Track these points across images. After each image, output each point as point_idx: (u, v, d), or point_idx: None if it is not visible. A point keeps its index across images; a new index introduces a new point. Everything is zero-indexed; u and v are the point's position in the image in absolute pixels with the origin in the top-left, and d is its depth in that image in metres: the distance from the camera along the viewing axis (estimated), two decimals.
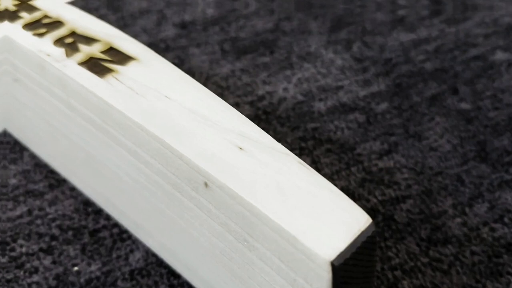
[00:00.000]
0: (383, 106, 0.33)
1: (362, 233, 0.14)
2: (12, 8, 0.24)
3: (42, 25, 0.23)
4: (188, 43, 0.40)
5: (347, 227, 0.14)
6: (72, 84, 0.20)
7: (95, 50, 0.22)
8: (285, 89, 0.35)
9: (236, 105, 0.37)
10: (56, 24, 0.23)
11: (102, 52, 0.21)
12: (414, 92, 0.34)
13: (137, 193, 0.21)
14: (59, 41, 0.22)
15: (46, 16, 0.24)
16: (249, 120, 0.18)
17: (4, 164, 0.31)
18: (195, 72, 0.38)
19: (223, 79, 0.37)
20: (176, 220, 0.20)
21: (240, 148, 0.17)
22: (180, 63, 0.38)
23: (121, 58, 0.21)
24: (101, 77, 0.20)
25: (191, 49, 0.40)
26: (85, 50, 0.22)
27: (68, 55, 0.21)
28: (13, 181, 0.30)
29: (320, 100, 0.34)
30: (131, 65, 0.21)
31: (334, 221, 0.14)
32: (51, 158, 0.29)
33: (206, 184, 0.16)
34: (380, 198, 0.27)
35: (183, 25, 0.42)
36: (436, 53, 0.37)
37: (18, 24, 0.23)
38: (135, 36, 0.41)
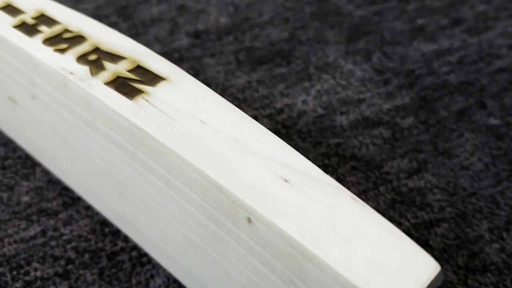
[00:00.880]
0: (409, 120, 0.32)
1: (431, 283, 0.12)
2: (30, 21, 0.23)
3: (63, 40, 0.22)
4: (202, 53, 0.39)
5: (414, 277, 0.12)
6: (99, 106, 0.19)
7: (121, 68, 0.20)
8: (304, 102, 0.34)
9: (255, 118, 0.36)
10: (78, 39, 0.22)
11: (130, 71, 0.20)
12: (440, 106, 0.33)
13: (164, 219, 0.20)
14: (82, 58, 0.21)
15: (66, 30, 0.23)
16: (293, 149, 0.17)
17: (16, 180, 0.30)
18: (210, 83, 0.36)
19: (239, 91, 0.36)
20: (207, 251, 0.19)
21: (286, 181, 0.16)
22: (195, 73, 0.37)
23: (150, 77, 0.20)
24: (130, 99, 0.19)
25: (205, 59, 0.39)
26: (111, 69, 0.20)
27: (93, 73, 0.20)
28: (25, 198, 0.29)
29: (342, 113, 0.33)
30: (161, 85, 0.19)
31: (398, 269, 0.13)
32: (66, 175, 0.27)
33: (249, 220, 0.15)
34: (412, 221, 0.26)
35: (196, 34, 0.41)
36: (459, 65, 0.36)
37: (38, 39, 0.22)
38: (147, 45, 0.40)
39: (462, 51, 0.38)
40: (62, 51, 0.21)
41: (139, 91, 0.19)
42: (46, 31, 0.23)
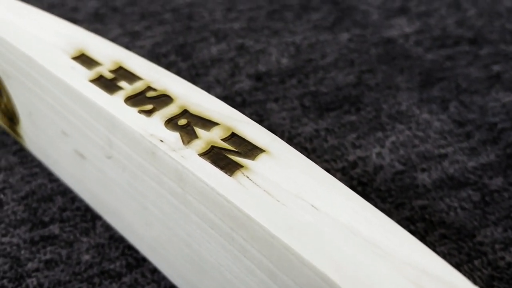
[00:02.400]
0: (498, 181, 0.30)
1: None
2: (108, 75, 0.22)
3: (147, 99, 0.20)
4: (265, 97, 0.37)
5: None
6: (193, 180, 0.17)
7: (215, 136, 0.18)
8: (379, 155, 0.32)
9: (327, 171, 0.34)
10: (163, 98, 0.20)
11: (224, 140, 0.18)
12: None
13: None
14: (171, 122, 0.19)
15: (149, 88, 0.21)
16: (425, 246, 0.15)
17: (75, 235, 0.28)
18: (276, 130, 0.34)
19: (307, 140, 0.34)
20: None
21: None
22: (259, 119, 0.35)
23: (247, 148, 0.18)
24: (229, 175, 0.17)
25: (269, 104, 0.37)
26: (204, 136, 0.18)
27: (185, 142, 0.18)
28: (85, 257, 0.27)
29: (423, 170, 0.31)
30: (261, 159, 0.17)
31: None
32: (133, 235, 0.25)
33: None
34: None
35: (258, 77, 0.39)
36: None
37: (119, 96, 0.20)
38: (208, 87, 0.38)
39: None
40: (148, 113, 0.19)
41: (238, 165, 0.17)
42: (127, 87, 0.21)
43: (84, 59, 0.23)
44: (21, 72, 0.25)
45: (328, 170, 0.31)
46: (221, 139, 0.18)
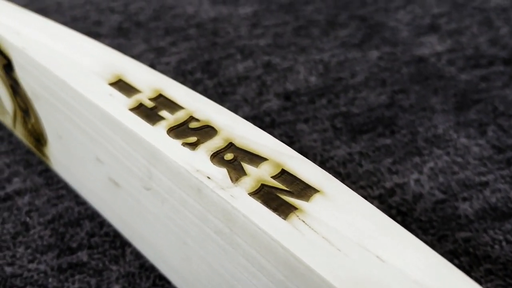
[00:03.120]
0: None
1: None
2: (148, 103, 0.21)
3: (190, 130, 0.19)
4: (295, 118, 0.36)
5: None
6: (243, 222, 0.16)
7: (264, 173, 0.17)
8: (418, 181, 0.31)
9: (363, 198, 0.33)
10: (207, 130, 0.19)
11: (274, 178, 0.17)
12: None
13: None
14: (216, 157, 0.18)
15: (192, 118, 0.20)
16: None
17: (104, 263, 0.27)
18: (307, 153, 0.33)
19: (340, 164, 0.32)
20: None
21: None
22: (289, 141, 0.34)
23: (300, 188, 0.17)
24: (283, 218, 0.16)
25: (299, 125, 0.36)
26: (252, 173, 0.17)
27: (233, 179, 0.17)
28: (116, 287, 0.26)
29: (464, 199, 0.29)
30: (315, 200, 0.16)
31: None
32: (167, 267, 0.24)
33: None
34: None
35: (286, 96, 0.38)
36: None
37: (161, 127, 0.19)
38: (236, 107, 0.38)
39: None
40: (193, 146, 0.18)
41: (292, 207, 0.16)
42: (168, 117, 0.20)
43: (122, 86, 0.22)
44: (53, 95, 0.24)
45: (364, 197, 0.30)
46: (271, 177, 0.17)
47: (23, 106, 0.29)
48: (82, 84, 0.22)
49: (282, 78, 0.40)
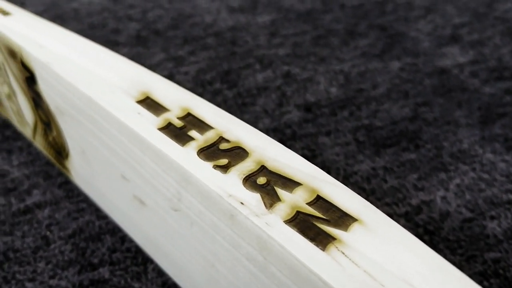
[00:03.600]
0: None
1: None
2: (177, 122, 0.20)
3: (221, 152, 0.19)
4: (317, 130, 0.36)
5: None
6: (279, 252, 0.16)
7: (299, 199, 0.17)
8: (444, 199, 0.30)
9: (390, 217, 0.32)
10: (238, 151, 0.19)
11: (310, 204, 0.17)
12: None
13: None
14: (249, 180, 0.18)
15: (222, 138, 0.19)
16: None
17: (126, 280, 0.26)
18: (330, 168, 0.33)
19: (364, 180, 0.32)
20: None
21: None
22: (311, 155, 0.34)
23: (337, 216, 0.16)
24: (322, 249, 0.15)
25: (320, 138, 0.35)
26: (287, 199, 0.17)
27: (267, 205, 0.17)
28: None
29: (492, 218, 0.29)
30: (354, 230, 0.16)
31: None
32: (190, 285, 0.24)
33: None
34: None
35: (307, 107, 0.38)
36: None
37: (191, 148, 0.19)
38: (256, 118, 0.37)
39: None
40: (224, 168, 0.18)
41: (330, 237, 0.16)
42: (198, 138, 0.19)
43: (150, 104, 0.21)
44: (79, 111, 0.24)
45: (390, 215, 0.30)
46: (306, 203, 0.17)
47: (45, 119, 0.29)
48: (110, 101, 0.21)
49: (302, 89, 0.40)
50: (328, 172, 0.32)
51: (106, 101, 0.21)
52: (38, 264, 0.27)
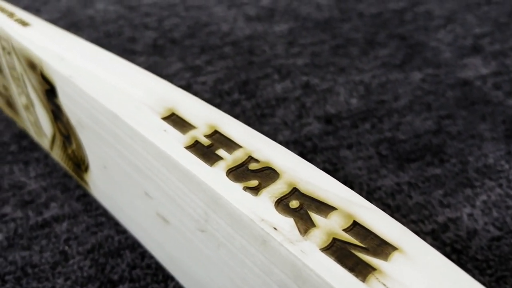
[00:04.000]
0: None
1: None
2: (204, 141, 0.20)
3: (251, 172, 0.18)
4: (338, 143, 0.35)
5: None
6: (316, 282, 0.15)
7: (335, 225, 0.16)
8: (471, 216, 0.29)
9: (416, 234, 0.32)
10: (268, 172, 0.18)
11: (346, 231, 0.16)
12: None
13: None
14: (281, 204, 0.17)
15: (251, 158, 0.19)
16: None
17: None
18: (353, 182, 0.32)
19: (388, 195, 0.31)
20: None
21: None
22: (332, 169, 0.33)
23: (376, 244, 0.16)
24: (362, 280, 0.14)
25: (342, 151, 0.34)
26: (322, 224, 0.16)
27: (301, 231, 0.16)
28: None
29: None
30: (395, 259, 0.15)
31: None
32: None
33: None
34: None
35: (327, 119, 0.37)
36: None
37: (219, 168, 0.18)
38: (276, 130, 0.36)
39: None
40: (255, 190, 0.17)
41: (369, 267, 0.15)
42: (226, 157, 0.19)
43: (176, 120, 0.21)
44: (102, 126, 0.23)
45: (417, 233, 0.29)
46: (343, 229, 0.16)
47: (64, 132, 0.29)
48: (135, 118, 0.21)
49: (322, 100, 0.39)
50: (351, 187, 0.32)
51: (131, 118, 0.21)
52: (57, 280, 0.27)
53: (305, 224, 0.16)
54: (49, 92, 0.27)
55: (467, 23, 0.49)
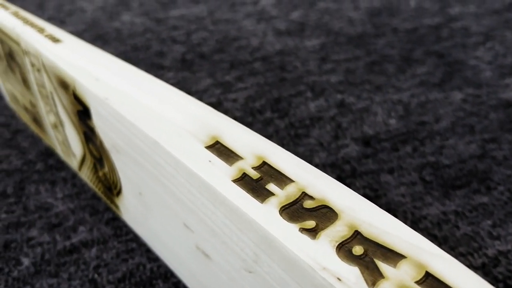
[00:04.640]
0: None
1: None
2: (253, 173, 0.18)
3: (306, 211, 0.17)
4: (378, 167, 0.33)
5: None
6: None
7: (405, 276, 0.14)
8: None
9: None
10: (324, 211, 0.17)
11: (419, 283, 0.14)
12: None
13: None
14: (342, 249, 0.15)
15: (305, 194, 0.17)
16: None
17: None
18: (396, 211, 0.30)
19: (435, 226, 0.29)
20: None
21: None
22: (374, 195, 0.31)
23: None
24: None
25: (383, 176, 0.33)
26: (391, 275, 0.15)
27: (369, 282, 0.14)
28: None
29: None
30: None
31: None
32: None
33: None
34: None
35: (365, 141, 0.36)
36: None
37: (272, 206, 0.17)
38: (311, 151, 0.35)
39: None
40: (312, 233, 0.16)
41: None
42: (278, 193, 0.17)
43: (221, 150, 0.19)
44: (140, 153, 0.22)
45: (467, 267, 0.27)
46: (415, 282, 0.14)
47: (96, 155, 0.27)
48: (178, 146, 0.20)
49: (358, 120, 0.38)
50: (395, 215, 0.30)
51: (173, 146, 0.20)
52: None
53: (372, 275, 0.15)
54: (82, 113, 0.26)
55: (506, 40, 0.47)
